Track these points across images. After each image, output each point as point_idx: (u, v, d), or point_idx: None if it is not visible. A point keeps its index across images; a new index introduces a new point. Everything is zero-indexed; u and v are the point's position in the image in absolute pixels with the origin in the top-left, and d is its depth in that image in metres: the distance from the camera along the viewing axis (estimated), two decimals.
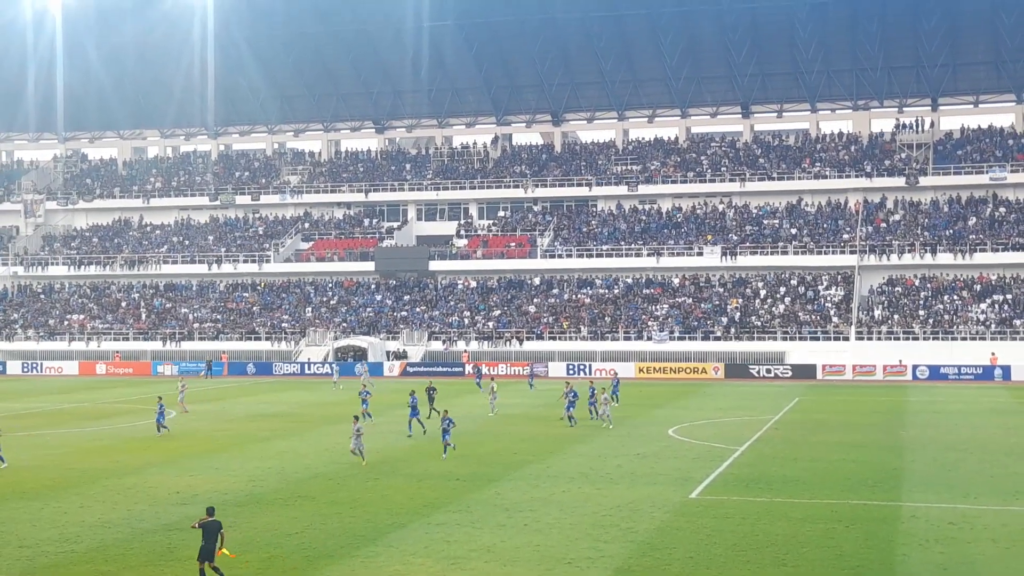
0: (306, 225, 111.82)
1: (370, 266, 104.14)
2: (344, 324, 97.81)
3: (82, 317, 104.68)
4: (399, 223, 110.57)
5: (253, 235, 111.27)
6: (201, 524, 23.31)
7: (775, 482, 35.65)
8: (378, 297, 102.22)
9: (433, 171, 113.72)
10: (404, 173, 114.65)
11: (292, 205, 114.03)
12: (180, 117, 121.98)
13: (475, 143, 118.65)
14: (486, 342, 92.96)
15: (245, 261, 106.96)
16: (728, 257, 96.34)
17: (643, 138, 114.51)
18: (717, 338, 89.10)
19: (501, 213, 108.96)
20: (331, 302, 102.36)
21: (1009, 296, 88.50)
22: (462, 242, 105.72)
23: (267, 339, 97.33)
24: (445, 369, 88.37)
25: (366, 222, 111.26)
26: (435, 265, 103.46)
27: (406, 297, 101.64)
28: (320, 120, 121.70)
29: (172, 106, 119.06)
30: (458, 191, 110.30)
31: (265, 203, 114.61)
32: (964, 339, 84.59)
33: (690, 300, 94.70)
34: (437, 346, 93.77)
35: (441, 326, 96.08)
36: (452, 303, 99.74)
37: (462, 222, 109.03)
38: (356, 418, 41.82)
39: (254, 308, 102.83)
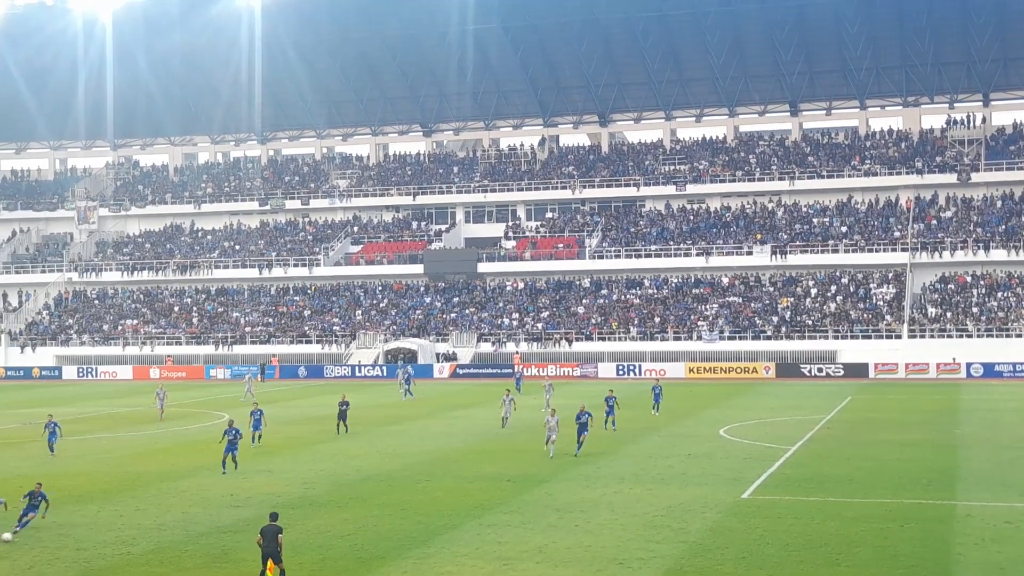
0: (355, 228, 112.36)
1: (419, 268, 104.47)
2: (394, 326, 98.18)
3: (135, 322, 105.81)
4: (447, 225, 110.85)
5: (303, 239, 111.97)
6: (262, 530, 23.31)
7: (828, 482, 35.40)
8: (427, 299, 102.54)
9: (480, 173, 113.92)
10: (452, 175, 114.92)
11: (341, 209, 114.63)
12: (229, 123, 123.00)
13: (522, 145, 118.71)
14: (535, 343, 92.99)
15: (295, 265, 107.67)
16: (778, 256, 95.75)
17: (691, 137, 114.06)
18: (768, 337, 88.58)
19: (549, 214, 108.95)
20: (380, 305, 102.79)
21: None
22: (510, 244, 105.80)
23: (318, 342, 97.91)
24: (495, 370, 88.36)
25: (414, 225, 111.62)
26: (483, 267, 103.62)
27: (455, 299, 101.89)
28: (368, 124, 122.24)
29: (221, 112, 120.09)
30: (506, 193, 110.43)
31: (314, 207, 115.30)
32: (1019, 336, 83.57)
33: (740, 299, 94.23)
34: (486, 348, 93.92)
35: (490, 328, 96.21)
36: (501, 305, 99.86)
37: (510, 224, 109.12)
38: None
39: (304, 311, 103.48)
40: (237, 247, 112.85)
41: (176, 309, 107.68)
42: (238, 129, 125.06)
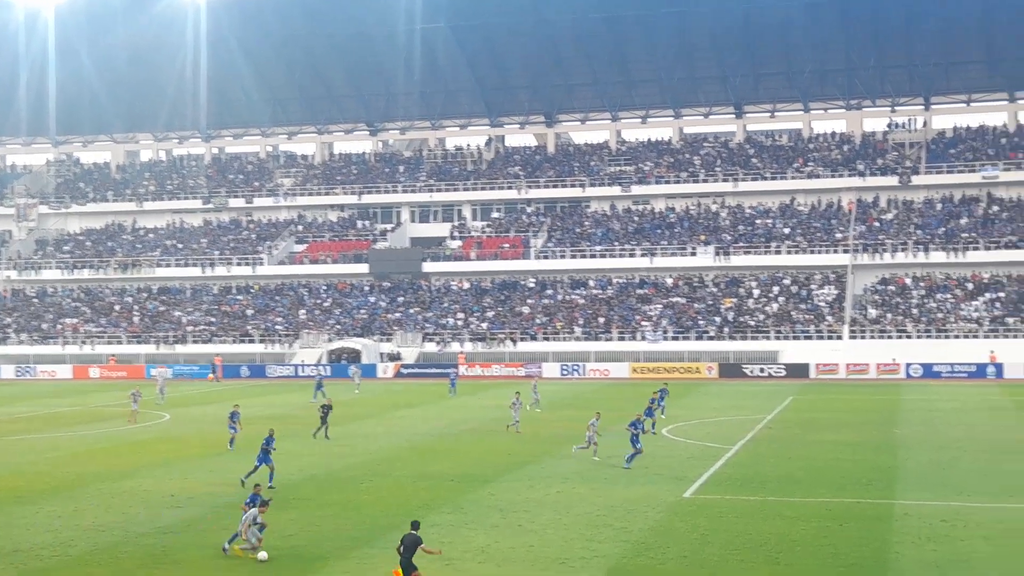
0: (299, 227, 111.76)
1: (364, 268, 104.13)
2: (338, 326, 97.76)
3: (75, 321, 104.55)
4: (393, 225, 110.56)
5: (246, 238, 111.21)
6: (402, 540, 22.73)
7: (769, 481, 35.72)
8: (372, 299, 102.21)
9: (426, 173, 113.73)
10: (397, 175, 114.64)
11: (285, 208, 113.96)
12: (173, 120, 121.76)
13: (468, 145, 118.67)
14: (480, 343, 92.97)
15: (239, 264, 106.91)
16: (721, 257, 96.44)
17: (636, 139, 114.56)
18: (711, 338, 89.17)
19: (495, 214, 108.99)
20: (324, 304, 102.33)
21: (1002, 294, 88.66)
22: (456, 243, 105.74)
23: (261, 342, 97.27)
24: (440, 370, 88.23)
25: (359, 224, 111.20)
26: (429, 267, 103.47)
27: (400, 299, 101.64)
28: (313, 122, 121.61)
29: (165, 109, 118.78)
30: (452, 192, 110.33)
31: (258, 206, 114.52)
32: (957, 337, 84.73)
33: (683, 300, 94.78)
34: (431, 347, 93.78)
35: (435, 327, 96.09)
36: (446, 304, 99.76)
37: (456, 223, 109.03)
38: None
39: (247, 311, 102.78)
40: (180, 245, 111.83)
41: (117, 308, 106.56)
42: (182, 127, 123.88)
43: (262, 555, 25.68)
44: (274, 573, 24.59)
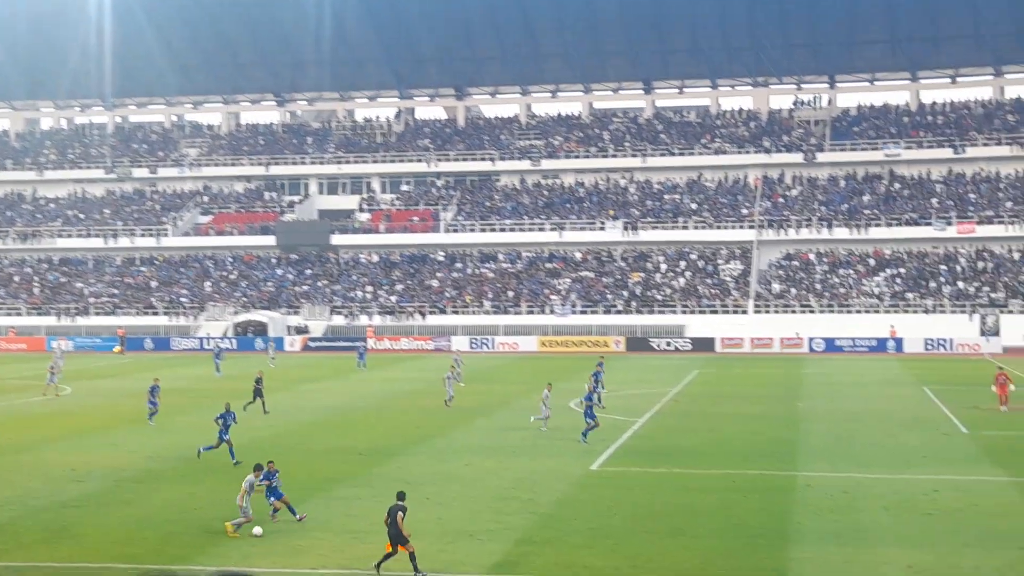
0: (205, 199, 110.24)
1: (271, 240, 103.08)
2: (244, 299, 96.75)
3: None
4: (300, 197, 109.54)
5: (150, 208, 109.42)
6: (388, 511, 22.56)
7: (674, 453, 36.11)
8: (279, 272, 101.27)
9: (335, 145, 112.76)
10: (305, 147, 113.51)
11: (191, 178, 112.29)
12: (75, 88, 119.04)
13: (378, 117, 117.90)
14: (389, 316, 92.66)
15: (142, 235, 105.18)
16: (630, 232, 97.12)
17: (546, 113, 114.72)
18: (618, 312, 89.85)
19: (404, 187, 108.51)
20: (231, 276, 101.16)
21: (903, 270, 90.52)
22: (364, 216, 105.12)
23: (165, 314, 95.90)
24: (348, 344, 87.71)
25: (267, 196, 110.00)
26: (337, 239, 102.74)
27: (308, 271, 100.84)
28: (219, 92, 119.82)
29: (67, 76, 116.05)
30: (360, 165, 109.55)
31: (163, 176, 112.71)
32: (859, 312, 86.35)
33: (592, 274, 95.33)
34: (339, 321, 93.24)
35: (343, 301, 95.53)
36: (354, 277, 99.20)
37: (364, 196, 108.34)
38: (549, 384, 43.03)
39: (152, 283, 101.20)
40: (82, 216, 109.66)
41: (16, 279, 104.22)
42: (85, 94, 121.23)
43: (256, 530, 25.34)
44: (180, 548, 24.28)
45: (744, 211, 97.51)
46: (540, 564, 23.15)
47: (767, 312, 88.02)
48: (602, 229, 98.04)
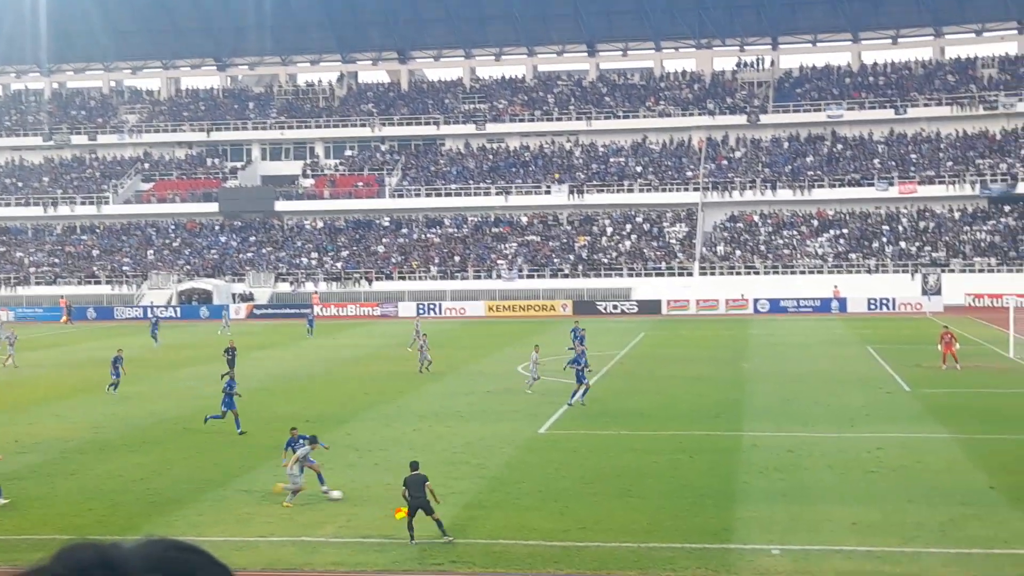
0: (146, 166, 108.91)
1: (214, 207, 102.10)
2: (188, 267, 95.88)
3: None
4: (243, 163, 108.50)
5: (90, 176, 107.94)
6: (405, 481, 22.32)
7: (621, 415, 36.29)
8: (222, 239, 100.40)
9: (277, 110, 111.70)
10: (247, 112, 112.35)
11: (131, 145, 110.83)
12: (11, 53, 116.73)
13: (320, 81, 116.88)
14: (335, 283, 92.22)
15: (83, 203, 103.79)
16: (575, 195, 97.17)
17: (490, 76, 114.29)
18: (565, 275, 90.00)
19: (348, 152, 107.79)
20: (173, 244, 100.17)
21: (845, 231, 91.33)
22: (308, 182, 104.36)
23: (107, 283, 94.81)
24: (293, 311, 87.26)
25: (209, 162, 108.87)
26: (281, 206, 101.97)
27: (251, 238, 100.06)
28: (159, 57, 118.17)
29: (1, 41, 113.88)
30: (303, 130, 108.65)
31: (102, 143, 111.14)
32: (803, 273, 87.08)
33: (538, 238, 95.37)
34: (284, 288, 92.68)
35: (288, 267, 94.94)
36: (299, 244, 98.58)
37: (308, 162, 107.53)
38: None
39: (93, 251, 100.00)
40: (20, 184, 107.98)
41: None
42: (21, 60, 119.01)
43: (336, 494, 25.23)
44: (126, 518, 24.10)
45: (689, 173, 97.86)
46: (489, 527, 23.22)
47: (712, 274, 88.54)
48: (548, 193, 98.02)
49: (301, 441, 26.47)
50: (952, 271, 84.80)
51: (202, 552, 2.18)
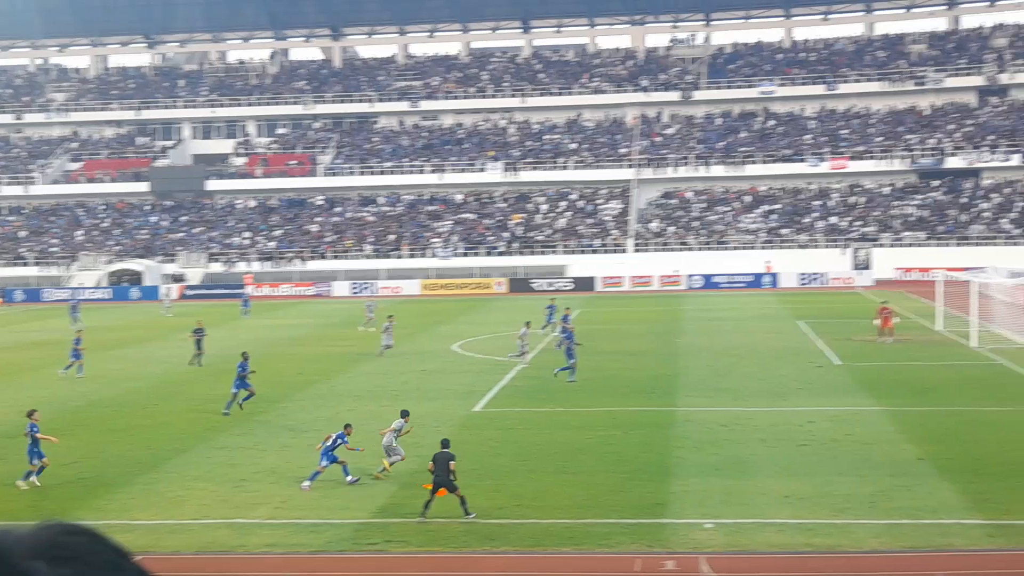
0: (74, 145, 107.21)
1: (144, 187, 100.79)
2: (118, 247, 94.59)
3: None
4: (173, 142, 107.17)
5: (17, 156, 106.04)
6: (433, 457, 22.36)
7: (556, 392, 36.40)
8: (153, 219, 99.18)
9: (208, 87, 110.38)
10: (177, 90, 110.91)
11: (59, 124, 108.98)
12: None
13: (252, 58, 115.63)
14: (268, 263, 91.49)
15: (9, 183, 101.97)
16: (510, 173, 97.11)
17: (424, 53, 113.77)
18: (500, 253, 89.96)
19: (281, 130, 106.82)
20: (103, 225, 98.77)
21: (778, 206, 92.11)
22: (240, 161, 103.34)
23: (35, 264, 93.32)
24: (226, 291, 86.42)
25: (138, 141, 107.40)
26: (212, 185, 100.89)
27: (183, 218, 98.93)
28: (86, 34, 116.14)
29: None
30: (235, 108, 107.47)
31: (29, 122, 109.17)
32: (736, 248, 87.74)
33: (473, 216, 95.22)
34: (217, 268, 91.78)
35: (221, 247, 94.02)
36: (231, 223, 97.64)
37: (240, 140, 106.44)
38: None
39: (20, 232, 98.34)
40: None
41: None
42: None
43: (350, 479, 24.84)
44: (57, 503, 23.79)
45: (623, 150, 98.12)
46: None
47: (646, 250, 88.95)
48: (482, 170, 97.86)
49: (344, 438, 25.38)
50: (882, 245, 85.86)
51: (95, 535, 2.12)
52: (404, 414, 26.59)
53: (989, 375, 38.32)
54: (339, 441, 25.34)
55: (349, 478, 24.87)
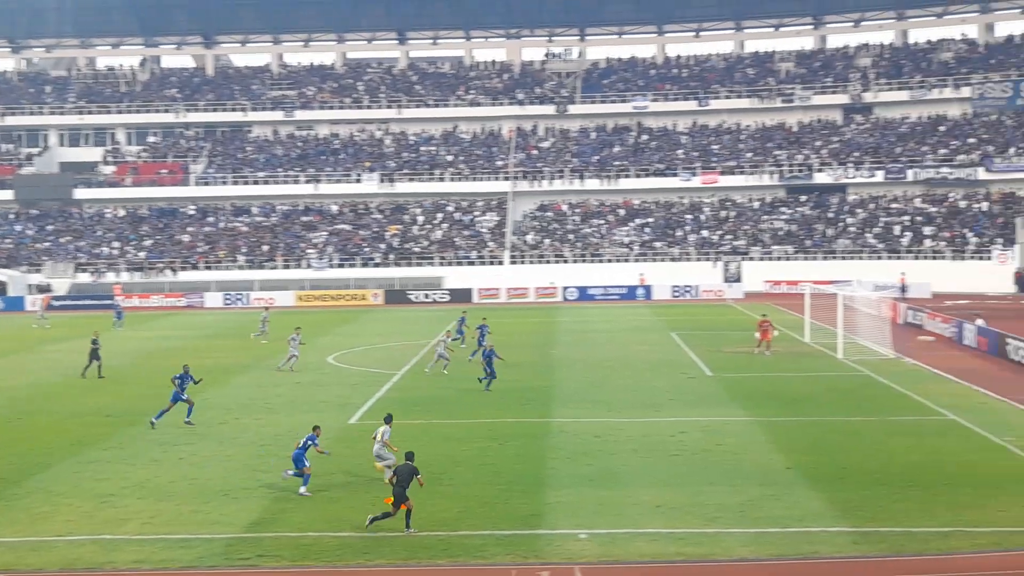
0: None
1: (9, 195, 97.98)
2: None
3: None
4: (40, 149, 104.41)
5: None
6: (396, 471, 22.38)
7: (433, 404, 36.35)
8: (18, 227, 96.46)
9: (76, 94, 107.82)
10: (44, 96, 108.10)
11: None
12: None
13: (121, 65, 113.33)
14: (138, 273, 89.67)
15: None
16: (386, 184, 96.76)
17: (299, 63, 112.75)
18: (376, 264, 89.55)
19: (151, 139, 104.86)
20: None
21: (651, 219, 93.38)
22: (109, 169, 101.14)
23: None
24: (94, 302, 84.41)
25: (3, 148, 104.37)
26: (80, 193, 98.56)
27: (49, 227, 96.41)
28: None
29: None
30: (104, 115, 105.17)
31: None
32: (610, 261, 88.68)
33: (349, 227, 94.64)
34: (85, 278, 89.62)
35: (89, 257, 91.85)
36: (100, 233, 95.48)
37: (109, 148, 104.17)
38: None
39: None
40: None
41: None
42: None
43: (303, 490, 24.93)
44: None
45: (499, 163, 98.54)
46: (298, 520, 22.99)
47: (522, 262, 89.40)
48: (358, 181, 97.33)
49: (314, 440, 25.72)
50: (752, 259, 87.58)
51: None
52: (388, 419, 26.61)
53: (855, 386, 39.35)
54: (309, 443, 25.49)
55: (303, 489, 25.06)
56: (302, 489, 24.97)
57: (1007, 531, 21.79)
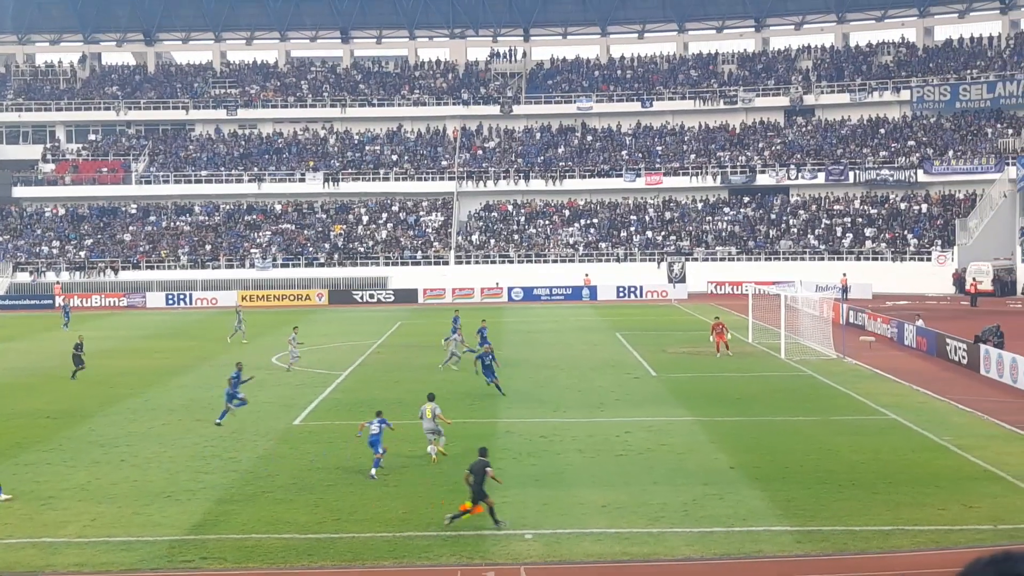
0: None
1: None
2: None
3: None
4: None
5: None
6: (470, 468, 22.33)
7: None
8: None
9: (14, 91, 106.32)
10: None
11: None
12: None
13: (60, 62, 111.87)
14: (78, 273, 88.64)
15: None
16: (330, 183, 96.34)
17: (242, 61, 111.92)
18: (321, 264, 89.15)
19: (92, 137, 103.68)
20: None
21: (596, 220, 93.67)
22: (49, 167, 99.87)
23: None
24: (33, 302, 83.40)
25: None
26: (19, 192, 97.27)
27: None
28: None
29: None
30: (43, 113, 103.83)
31: None
32: (555, 261, 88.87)
33: (293, 226, 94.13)
34: (24, 278, 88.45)
35: (27, 256, 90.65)
36: (39, 232, 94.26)
37: (48, 146, 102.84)
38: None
39: None
40: None
41: None
42: None
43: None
44: None
45: (444, 163, 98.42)
46: (242, 522, 22.81)
47: (468, 263, 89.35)
48: (302, 180, 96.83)
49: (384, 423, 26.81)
50: (696, 259, 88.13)
51: None
52: (431, 397, 28.39)
53: (797, 386, 39.71)
54: (382, 426, 26.61)
55: (373, 472, 26.07)
56: (372, 472, 26.06)
57: (946, 529, 22.07)
